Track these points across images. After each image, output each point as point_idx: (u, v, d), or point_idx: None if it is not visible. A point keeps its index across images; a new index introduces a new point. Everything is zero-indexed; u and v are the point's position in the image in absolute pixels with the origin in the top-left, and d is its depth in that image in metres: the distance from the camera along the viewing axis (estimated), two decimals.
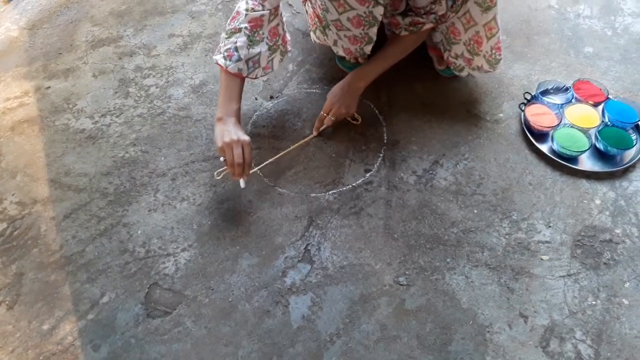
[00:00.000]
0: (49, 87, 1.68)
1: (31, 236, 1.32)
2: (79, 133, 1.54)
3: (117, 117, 1.58)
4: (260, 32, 1.30)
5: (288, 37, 1.45)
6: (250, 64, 1.31)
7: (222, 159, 1.26)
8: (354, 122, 1.50)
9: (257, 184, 1.39)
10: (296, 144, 1.44)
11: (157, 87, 1.66)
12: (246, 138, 1.23)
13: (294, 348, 1.12)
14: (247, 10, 1.28)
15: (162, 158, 1.46)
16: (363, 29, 1.34)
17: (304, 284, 1.21)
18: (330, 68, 1.68)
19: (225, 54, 1.29)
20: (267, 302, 1.18)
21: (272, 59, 1.38)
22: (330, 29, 1.40)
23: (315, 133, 1.47)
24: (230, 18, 1.31)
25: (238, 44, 1.28)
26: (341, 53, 1.51)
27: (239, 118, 1.30)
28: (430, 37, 1.55)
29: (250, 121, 1.54)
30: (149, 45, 1.80)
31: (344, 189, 1.38)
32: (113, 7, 1.96)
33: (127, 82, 1.68)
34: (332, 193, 1.37)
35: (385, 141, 1.48)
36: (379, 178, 1.40)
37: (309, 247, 1.27)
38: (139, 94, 1.64)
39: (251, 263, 1.25)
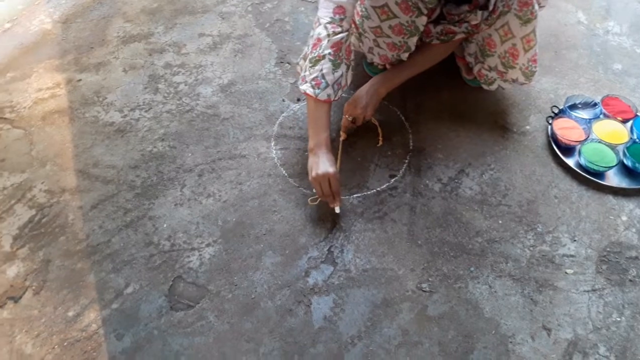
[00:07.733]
0: (80, 79, 1.70)
1: (59, 224, 1.34)
2: (108, 126, 1.56)
3: (146, 112, 1.60)
4: (340, 54, 1.29)
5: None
6: (336, 87, 1.31)
7: (314, 189, 1.31)
8: (378, 137, 1.50)
9: (282, 184, 1.40)
10: (339, 156, 1.44)
11: (186, 85, 1.68)
12: (331, 170, 1.25)
13: (315, 348, 1.12)
14: (328, 35, 1.26)
15: (190, 154, 1.48)
16: (403, 38, 1.36)
17: (327, 285, 1.21)
18: (357, 72, 1.69)
19: (313, 82, 1.28)
20: (290, 301, 1.19)
21: (348, 75, 1.37)
22: (366, 37, 1.41)
23: (343, 136, 1.47)
24: (311, 46, 1.29)
25: (324, 71, 1.27)
26: (376, 60, 1.52)
27: (329, 146, 1.30)
28: (459, 45, 1.55)
29: (277, 122, 1.55)
30: (179, 43, 1.83)
31: (369, 193, 1.39)
32: (145, 5, 1.99)
33: (157, 79, 1.70)
34: (357, 197, 1.38)
35: (411, 147, 1.48)
36: (403, 184, 1.40)
37: (332, 249, 1.28)
38: (168, 91, 1.66)
39: (274, 261, 1.25)
